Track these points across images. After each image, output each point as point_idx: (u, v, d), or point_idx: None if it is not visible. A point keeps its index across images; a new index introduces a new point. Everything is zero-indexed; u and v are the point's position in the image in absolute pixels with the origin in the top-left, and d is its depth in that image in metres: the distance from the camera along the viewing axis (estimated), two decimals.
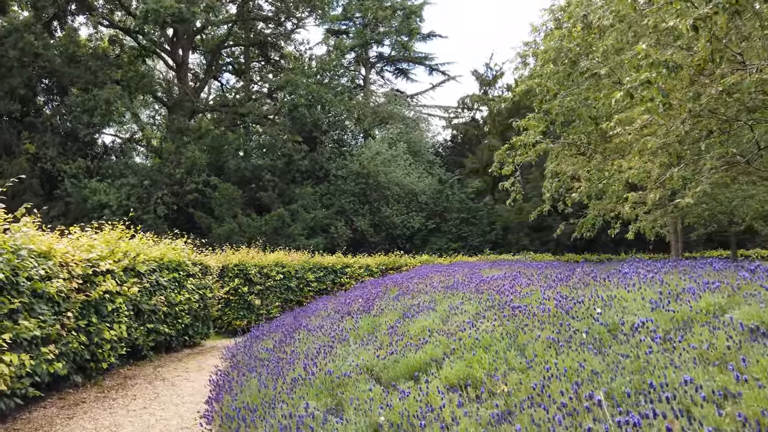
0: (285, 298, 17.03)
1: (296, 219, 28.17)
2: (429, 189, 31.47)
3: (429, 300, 6.28)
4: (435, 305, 5.85)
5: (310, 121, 30.86)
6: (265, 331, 7.65)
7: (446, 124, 39.14)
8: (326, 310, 8.02)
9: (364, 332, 5.70)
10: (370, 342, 5.02)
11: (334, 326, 6.19)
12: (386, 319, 5.84)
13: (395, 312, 6.13)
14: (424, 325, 5.07)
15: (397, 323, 5.52)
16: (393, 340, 4.89)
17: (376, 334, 5.38)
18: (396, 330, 5.21)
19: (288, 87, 28.66)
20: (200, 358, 11.04)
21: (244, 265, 14.94)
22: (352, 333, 5.67)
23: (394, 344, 4.72)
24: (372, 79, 43.44)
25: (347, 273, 20.37)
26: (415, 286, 7.82)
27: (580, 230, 15.25)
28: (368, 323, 5.89)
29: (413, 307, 6.09)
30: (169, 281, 10.90)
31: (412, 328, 5.11)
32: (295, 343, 5.75)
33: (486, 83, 36.72)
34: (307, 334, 6.09)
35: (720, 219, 17.93)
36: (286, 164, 29.85)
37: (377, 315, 6.05)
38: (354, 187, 29.67)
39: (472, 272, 8.90)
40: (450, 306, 5.55)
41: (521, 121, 14.04)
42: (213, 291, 13.04)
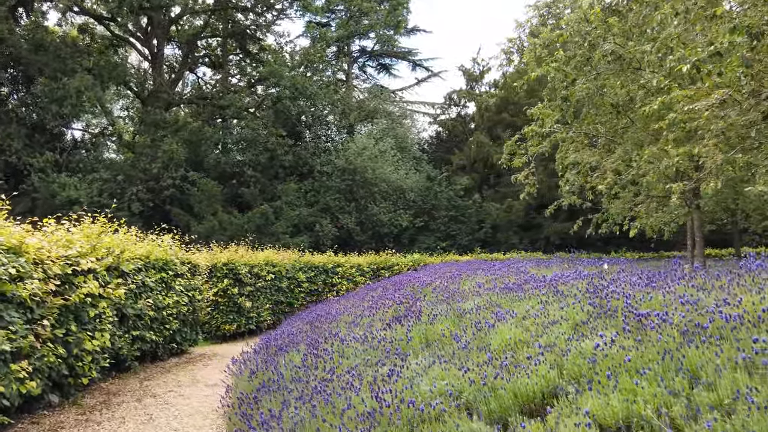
0: (276, 300, 15.86)
1: (280, 216, 26.91)
2: (417, 186, 30.53)
3: (488, 303, 5.28)
4: (502, 310, 4.85)
5: (294, 114, 29.61)
6: (279, 339, 6.54)
7: (432, 121, 38.25)
8: (349, 314, 6.95)
9: (419, 344, 4.68)
10: (440, 359, 3.99)
11: (373, 335, 5.14)
12: (442, 328, 4.83)
13: (449, 318, 5.12)
14: (507, 336, 4.06)
15: (463, 333, 4.50)
16: (477, 357, 3.88)
17: (443, 348, 4.36)
18: (470, 343, 4.19)
19: (271, 78, 27.36)
20: (191, 368, 9.83)
21: (233, 265, 13.72)
22: (403, 345, 4.64)
23: (482, 362, 3.70)
24: (354, 74, 42.34)
25: (338, 273, 19.30)
26: (455, 286, 6.80)
27: (595, 226, 14.43)
28: (421, 332, 4.87)
29: (474, 311, 5.09)
30: (156, 282, 9.68)
31: (494, 341, 4.11)
32: (329, 357, 4.68)
33: (473, 79, 35.96)
34: (341, 345, 5.02)
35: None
36: (268, 159, 28.55)
37: (429, 322, 5.04)
38: (340, 183, 28.55)
39: (516, 270, 7.93)
40: (528, 312, 4.56)
41: (534, 110, 13.15)
42: (202, 293, 11.82)
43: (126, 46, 33.69)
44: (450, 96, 36.73)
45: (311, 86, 28.57)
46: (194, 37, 33.88)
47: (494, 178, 34.06)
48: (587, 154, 12.04)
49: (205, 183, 25.98)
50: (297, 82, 28.04)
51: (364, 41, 41.34)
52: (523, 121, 33.78)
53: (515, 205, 30.31)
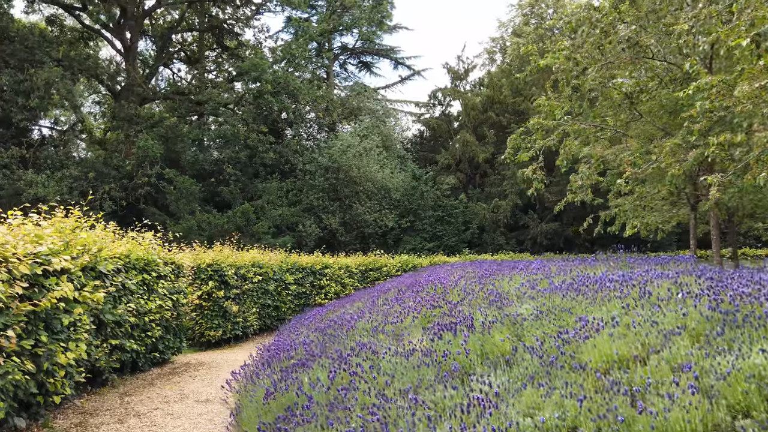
0: (262, 304, 14.85)
1: (262, 216, 25.84)
2: (402, 185, 29.75)
3: (551, 307, 4.45)
4: (572, 316, 4.04)
5: (276, 110, 28.57)
6: (289, 349, 5.57)
7: (416, 119, 37.52)
8: (366, 320, 6.02)
9: (479, 359, 3.84)
10: (529, 380, 3.14)
11: (414, 347, 4.28)
12: (501, 337, 3.99)
13: (506, 326, 4.28)
14: (612, 351, 3.23)
15: (538, 344, 3.67)
16: (577, 378, 3.05)
17: (518, 365, 3.51)
18: (557, 359, 3.35)
19: (252, 72, 26.25)
20: (177, 380, 8.82)
21: (219, 266, 12.68)
22: (461, 360, 3.79)
23: (597, 387, 2.87)
24: (335, 72, 41.39)
25: (326, 274, 18.36)
26: (492, 287, 5.96)
27: (603, 224, 13.80)
28: (476, 344, 4.02)
29: (535, 318, 4.27)
30: (138, 284, 8.65)
31: (593, 356, 3.28)
32: (367, 375, 3.79)
33: (458, 77, 35.39)
34: (376, 359, 4.13)
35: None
36: (249, 157, 27.45)
37: (485, 331, 4.19)
38: (323, 182, 27.61)
39: (545, 270, 7.10)
40: (613, 319, 3.75)
41: (539, 100, 12.42)
42: (187, 296, 10.79)
43: (97, 39, 32.18)
44: (434, 94, 36.08)
45: (294, 81, 27.56)
46: (169, 30, 32.56)
47: (480, 177, 33.52)
48: (600, 147, 11.38)
49: (182, 181, 24.77)
50: (279, 76, 27.02)
51: (345, 38, 40.51)
52: (509, 120, 33.50)
53: (502, 205, 29.80)
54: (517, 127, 33.32)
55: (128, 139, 26.41)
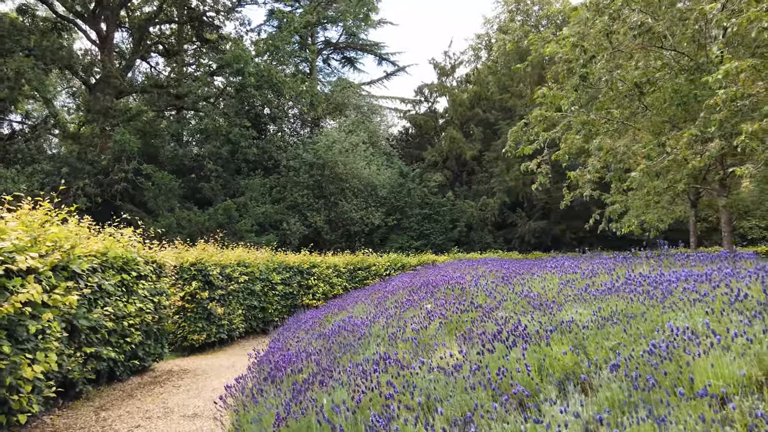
0: (248, 305, 14.05)
1: (244, 213, 24.92)
2: (389, 182, 29.06)
3: (611, 313, 3.79)
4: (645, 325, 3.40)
5: (259, 105, 27.66)
6: (295, 361, 4.78)
7: (402, 116, 36.84)
8: (379, 324, 5.26)
9: (538, 375, 3.18)
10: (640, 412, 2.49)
11: (457, 362, 3.60)
12: (562, 349, 3.32)
13: (564, 335, 3.61)
14: (737, 372, 2.55)
15: (618, 358, 3.02)
16: (695, 408, 2.41)
17: (597, 388, 2.85)
18: (655, 379, 2.69)
19: (235, 64, 25.31)
20: (159, 391, 8.01)
21: (203, 265, 11.85)
22: (523, 380, 3.11)
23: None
24: (318, 67, 40.54)
25: (314, 274, 17.61)
26: (522, 288, 5.29)
27: (607, 220, 13.30)
28: (536, 359, 3.35)
29: (592, 325, 3.62)
30: (116, 285, 7.83)
31: (700, 374, 2.63)
32: (402, 396, 3.07)
33: (444, 73, 34.82)
34: (409, 376, 3.41)
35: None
36: (230, 152, 26.48)
37: (542, 343, 3.52)
38: (308, 179, 26.78)
39: (575, 268, 6.46)
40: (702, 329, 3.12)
41: (539, 91, 11.81)
42: (170, 298, 9.96)
43: (72, 30, 30.88)
44: (421, 89, 35.45)
45: (277, 74, 26.68)
46: (147, 22, 31.41)
47: (467, 175, 33.01)
48: (610, 139, 10.83)
49: (161, 177, 23.75)
50: (263, 69, 26.12)
51: (329, 33, 39.74)
52: (496, 117, 33.04)
53: (490, 203, 29.32)
54: (504, 124, 32.98)
55: (104, 133, 25.30)
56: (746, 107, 8.51)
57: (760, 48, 9.22)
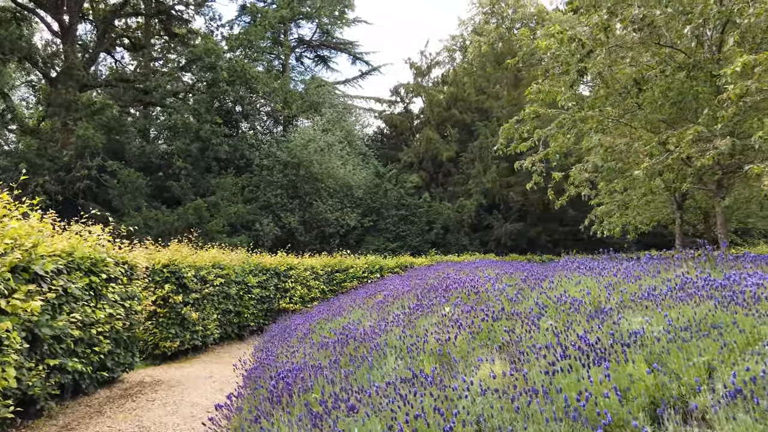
0: (224, 310, 13.25)
1: (215, 213, 23.95)
2: (365, 183, 28.42)
3: (682, 322, 3.28)
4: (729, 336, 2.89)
5: (231, 101, 26.71)
6: (302, 380, 4.06)
7: (377, 116, 36.25)
8: (391, 334, 4.60)
9: (629, 403, 2.62)
10: None
11: (511, 384, 3.03)
12: (642, 368, 2.75)
13: (642, 352, 3.06)
14: None
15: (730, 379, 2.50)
16: None
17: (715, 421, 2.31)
18: None
19: (206, 58, 24.33)
20: (131, 406, 7.22)
21: (177, 266, 11.02)
22: (608, 405, 2.57)
23: None
24: (291, 65, 39.68)
25: (291, 276, 16.88)
26: (556, 293, 4.74)
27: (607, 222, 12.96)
28: (613, 378, 2.78)
29: (663, 338, 3.10)
30: (83, 289, 7.02)
31: None
32: None
33: (420, 73, 34.41)
34: (455, 400, 2.84)
35: None
36: (201, 150, 25.45)
37: (620, 362, 2.96)
38: (282, 178, 25.94)
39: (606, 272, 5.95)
40: None
41: (536, 86, 11.40)
42: (141, 302, 9.14)
43: (32, 20, 29.36)
44: (396, 89, 34.93)
45: (251, 69, 25.80)
46: (112, 15, 30.12)
47: (443, 176, 32.60)
48: (610, 137, 10.46)
49: (127, 174, 22.61)
50: (235, 63, 25.21)
51: (302, 30, 38.88)
52: (473, 118, 32.75)
53: (467, 204, 28.97)
54: (482, 125, 32.64)
55: (65, 128, 23.98)
56: (758, 103, 8.23)
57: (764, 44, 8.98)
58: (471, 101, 32.24)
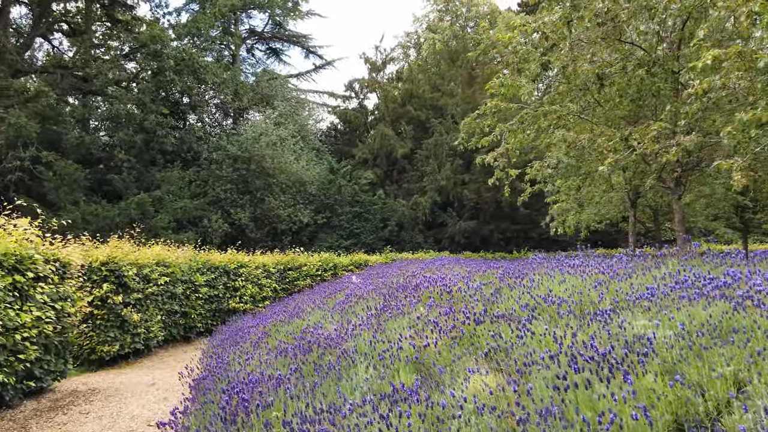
0: (169, 311, 12.43)
1: (160, 209, 22.81)
2: (319, 179, 27.76)
3: (695, 324, 2.96)
4: None
5: (178, 91, 25.52)
6: (262, 393, 3.50)
7: (331, 110, 35.57)
8: (360, 339, 4.09)
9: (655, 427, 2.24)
10: None
11: (491, 401, 2.60)
12: (660, 381, 2.38)
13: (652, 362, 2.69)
14: None
15: None
16: None
17: None
18: None
19: (152, 45, 23.10)
20: (61, 420, 6.47)
21: (117, 264, 10.17)
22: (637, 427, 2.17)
23: None
24: (241, 57, 38.49)
25: (242, 275, 16.13)
26: (538, 292, 4.34)
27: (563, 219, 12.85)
28: (641, 392, 2.35)
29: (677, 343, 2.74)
30: (6, 289, 6.23)
31: None
32: None
33: (375, 68, 33.97)
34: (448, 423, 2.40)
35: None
36: (145, 142, 24.18)
37: (621, 368, 2.54)
38: (232, 173, 24.97)
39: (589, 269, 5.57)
40: None
41: (499, 80, 11.11)
42: (75, 303, 8.31)
43: None
44: (351, 84, 34.37)
45: (199, 58, 24.71)
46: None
47: (398, 173, 32.29)
48: (573, 132, 10.29)
49: (63, 166, 21.20)
50: (183, 51, 24.07)
51: (254, 21, 37.85)
52: (428, 115, 32.58)
53: (422, 202, 28.76)
54: (437, 122, 32.46)
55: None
56: (719, 100, 8.18)
57: (729, 41, 8.98)
58: (426, 98, 32.05)
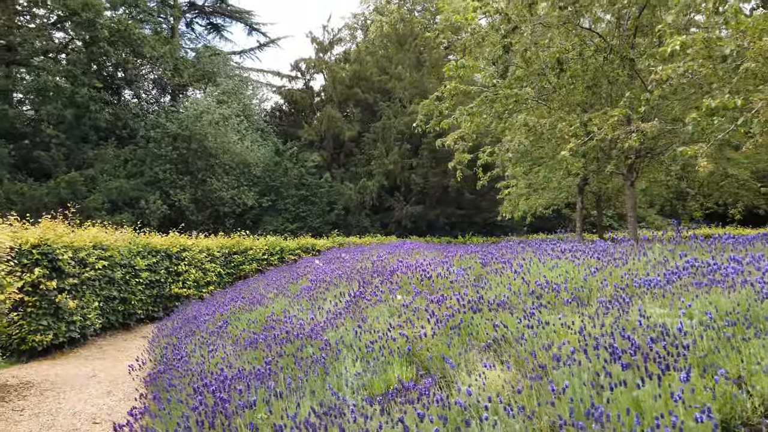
0: (107, 296, 11.64)
1: (93, 188, 21.48)
2: (264, 160, 26.92)
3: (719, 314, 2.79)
4: None
5: (112, 64, 23.99)
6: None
7: (276, 90, 34.54)
8: (340, 329, 3.72)
9: None
10: None
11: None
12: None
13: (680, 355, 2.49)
14: None
15: None
16: None
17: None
18: None
19: (84, 13, 21.53)
20: None
21: (50, 247, 9.34)
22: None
23: None
24: (181, 31, 36.70)
25: (185, 259, 15.39)
26: (530, 277, 4.06)
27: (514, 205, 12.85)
28: (652, 393, 2.15)
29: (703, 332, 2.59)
30: None
31: None
32: None
33: (323, 48, 33.18)
34: None
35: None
36: (76, 117, 22.64)
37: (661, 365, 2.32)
38: (171, 152, 23.77)
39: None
40: None
41: (461, 60, 10.89)
42: (4, 290, 7.53)
43: None
44: (297, 64, 33.44)
45: (135, 30, 23.28)
46: None
47: (345, 156, 31.81)
48: (534, 116, 10.23)
49: None
50: (119, 22, 22.60)
51: None
52: (375, 98, 32.18)
53: (369, 186, 28.47)
54: (385, 105, 32.10)
55: None
56: (677, 88, 8.28)
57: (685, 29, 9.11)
58: (374, 81, 31.64)
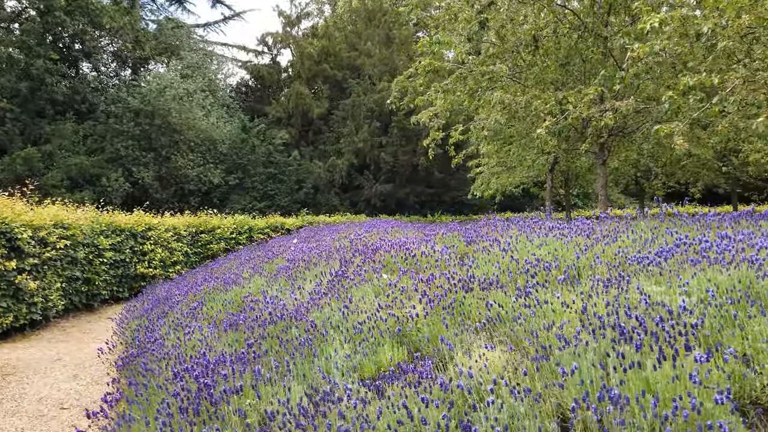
0: (69, 277, 11.22)
1: (51, 165, 20.65)
2: (230, 137, 26.30)
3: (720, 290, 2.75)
4: None
5: (69, 35, 22.93)
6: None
7: (242, 65, 33.66)
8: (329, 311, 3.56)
9: None
10: None
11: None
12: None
13: None
14: None
15: None
16: None
17: None
18: None
19: None
20: None
21: (8, 226, 8.89)
22: None
23: None
24: (141, 2, 35.30)
25: (151, 238, 14.96)
26: (519, 255, 3.92)
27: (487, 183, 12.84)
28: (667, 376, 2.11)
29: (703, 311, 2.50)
30: None
31: None
32: None
33: (290, 23, 32.43)
34: None
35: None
36: (31, 90, 21.63)
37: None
38: (134, 128, 23.00)
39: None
40: None
41: (436, 36, 10.71)
42: None
43: None
44: (264, 39, 32.63)
45: None
46: None
47: (313, 134, 31.35)
48: (510, 94, 10.17)
49: None
50: None
51: None
52: (344, 75, 31.71)
53: (338, 164, 28.19)
54: (354, 83, 31.66)
55: None
56: (658, 65, 8.32)
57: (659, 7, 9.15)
58: (343, 57, 31.15)
